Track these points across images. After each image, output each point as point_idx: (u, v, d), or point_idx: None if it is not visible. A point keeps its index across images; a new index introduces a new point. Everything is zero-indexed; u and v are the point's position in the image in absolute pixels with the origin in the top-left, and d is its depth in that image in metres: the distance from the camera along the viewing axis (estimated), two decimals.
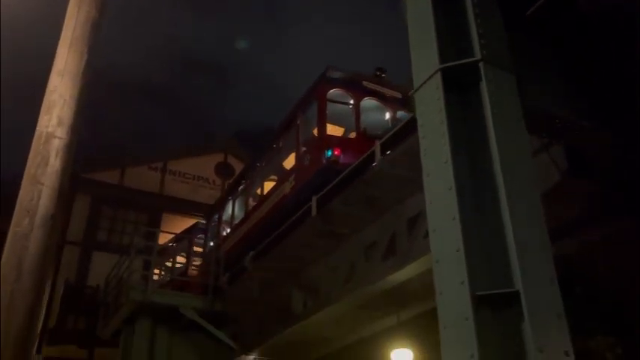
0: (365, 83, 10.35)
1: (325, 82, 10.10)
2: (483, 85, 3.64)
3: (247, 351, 10.79)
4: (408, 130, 6.51)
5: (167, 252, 15.04)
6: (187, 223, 16.83)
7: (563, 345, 2.96)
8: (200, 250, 14.50)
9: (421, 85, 3.94)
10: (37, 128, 3.17)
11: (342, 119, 10.39)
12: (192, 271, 14.41)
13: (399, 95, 10.56)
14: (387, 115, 10.51)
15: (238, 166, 19.01)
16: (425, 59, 3.92)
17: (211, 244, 14.10)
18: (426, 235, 6.82)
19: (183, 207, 18.27)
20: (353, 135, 10.17)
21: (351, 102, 10.18)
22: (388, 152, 6.95)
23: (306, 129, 10.54)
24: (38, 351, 13.53)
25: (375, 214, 7.71)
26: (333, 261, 8.60)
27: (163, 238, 14.62)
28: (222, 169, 19.89)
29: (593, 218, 6.14)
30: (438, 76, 3.74)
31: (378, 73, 10.69)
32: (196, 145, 21.14)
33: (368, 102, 10.30)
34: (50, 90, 3.22)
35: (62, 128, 3.21)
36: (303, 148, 10.33)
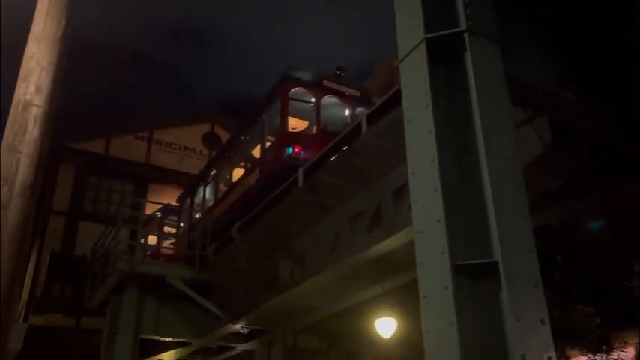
0: (325, 82, 11.05)
1: (287, 81, 10.81)
2: (468, 57, 3.62)
3: (234, 319, 10.89)
4: (394, 101, 6.50)
5: (153, 223, 15.05)
6: (174, 193, 16.80)
7: (540, 313, 3.02)
8: (173, 230, 14.84)
9: (406, 56, 3.92)
10: (15, 96, 3.11)
11: (305, 114, 11.14)
12: (167, 251, 14.70)
13: (357, 93, 11.39)
14: (347, 112, 11.30)
15: (225, 136, 18.91)
16: (410, 29, 3.89)
17: (182, 225, 14.56)
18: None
19: (170, 177, 18.19)
20: (314, 131, 10.88)
21: (312, 100, 10.88)
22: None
23: (270, 124, 11.21)
24: (25, 319, 13.60)
25: (360, 185, 7.74)
26: (319, 231, 8.64)
27: (150, 209, 14.59)
28: (209, 140, 19.80)
29: (575, 190, 6.22)
30: (423, 47, 3.72)
31: (338, 72, 11.46)
32: (183, 114, 20.94)
33: (328, 100, 11.00)
34: (27, 57, 3.15)
35: (40, 96, 3.15)
36: (267, 144, 11.09)
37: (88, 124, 19.47)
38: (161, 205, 15.47)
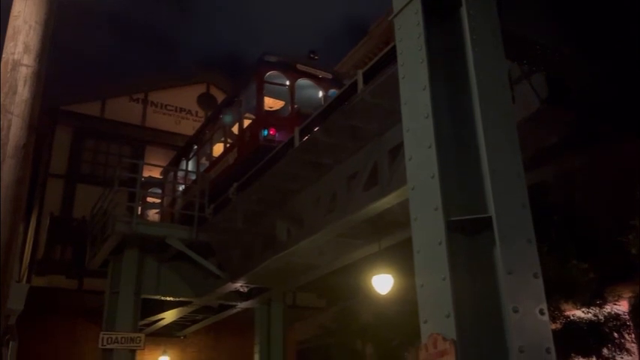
0: (299, 66, 11.66)
1: (262, 65, 11.38)
2: (463, 10, 3.57)
3: (234, 279, 11.04)
4: (390, 59, 6.42)
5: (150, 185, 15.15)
6: (171, 154, 16.78)
7: (532, 267, 3.06)
8: (158, 201, 15.03)
9: (400, 10, 3.85)
10: (3, 56, 3.05)
11: (279, 96, 11.81)
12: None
13: (329, 76, 12.02)
14: (320, 94, 11.85)
15: (220, 97, 18.74)
16: None
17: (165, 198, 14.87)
18: None
19: (167, 139, 18.12)
20: (289, 112, 11.44)
21: (287, 83, 11.49)
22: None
23: (247, 105, 11.82)
24: (28, 281, 13.77)
25: (357, 144, 7.72)
26: (316, 191, 8.67)
27: (147, 171, 14.60)
28: (205, 100, 19.65)
29: (571, 146, 6.21)
30: (418, 1, 3.65)
31: (312, 56, 12.18)
32: (177, 76, 20.69)
33: (302, 82, 11.60)
34: (14, 15, 3.07)
35: (29, 55, 3.10)
36: (244, 125, 11.68)
37: (82, 87, 19.23)
38: (158, 167, 15.53)
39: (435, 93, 3.44)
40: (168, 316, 14.26)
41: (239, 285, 11.48)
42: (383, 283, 9.39)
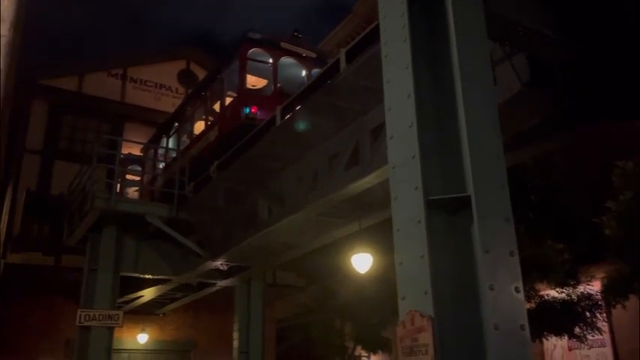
0: (282, 44, 11.56)
1: (246, 42, 11.26)
2: None
3: (214, 257, 11.03)
4: (373, 38, 6.38)
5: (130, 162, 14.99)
6: (151, 131, 16.57)
7: (509, 246, 3.11)
8: (137, 178, 14.95)
9: None
10: None
11: (263, 73, 11.69)
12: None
13: (313, 55, 11.96)
14: (303, 73, 11.82)
15: (201, 74, 18.50)
16: None
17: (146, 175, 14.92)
18: None
19: (146, 115, 17.87)
20: (271, 90, 11.35)
21: (270, 61, 11.39)
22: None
23: (229, 83, 11.74)
24: (3, 257, 13.59)
25: (339, 123, 7.70)
26: (298, 170, 8.66)
27: (127, 148, 14.41)
28: (185, 77, 19.39)
29: (550, 128, 6.27)
30: None
31: (295, 34, 12.04)
32: (157, 51, 20.33)
33: (285, 61, 11.52)
34: None
35: (4, 25, 3.01)
36: (226, 103, 11.61)
37: (58, 61, 18.79)
38: (138, 143, 15.35)
39: (417, 72, 3.44)
40: (147, 294, 14.23)
41: (219, 263, 11.48)
42: (362, 262, 9.49)
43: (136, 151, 15.84)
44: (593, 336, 10.40)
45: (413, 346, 3.00)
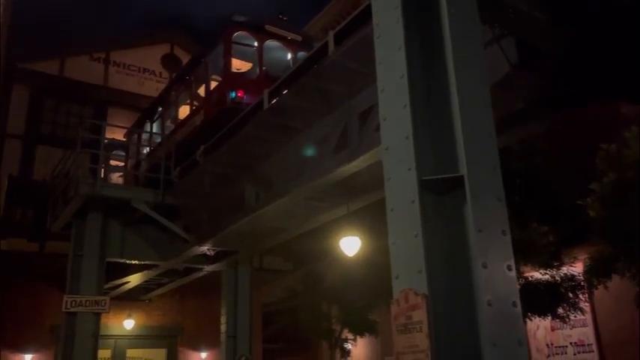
0: (268, 27, 11.41)
1: (230, 25, 11.01)
2: None
3: (201, 242, 11.01)
4: (362, 20, 6.36)
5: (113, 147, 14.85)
6: (134, 116, 16.39)
7: (501, 225, 3.16)
8: (121, 164, 14.86)
9: None
10: None
11: (248, 57, 11.58)
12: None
13: (299, 38, 11.85)
14: (289, 56, 11.75)
15: (185, 58, 18.30)
16: None
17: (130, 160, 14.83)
18: (378, 128, 6.93)
19: (130, 100, 17.66)
20: (257, 74, 11.26)
21: (255, 44, 11.28)
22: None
23: (213, 67, 11.63)
24: None
25: (327, 107, 7.69)
26: (285, 154, 8.65)
27: (110, 132, 14.26)
28: (169, 61, 19.17)
29: (537, 111, 6.34)
30: None
31: (281, 17, 12.03)
32: (140, 35, 20.04)
33: (270, 44, 11.42)
34: None
35: None
36: (211, 87, 11.48)
37: (39, 44, 18.44)
38: (121, 128, 15.19)
39: (410, 53, 3.45)
40: (134, 280, 14.18)
41: (206, 248, 11.46)
42: (350, 245, 9.54)
43: (120, 136, 15.67)
44: (575, 316, 10.62)
45: (407, 323, 3.04)
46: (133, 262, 12.56)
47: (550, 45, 4.89)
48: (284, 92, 7.83)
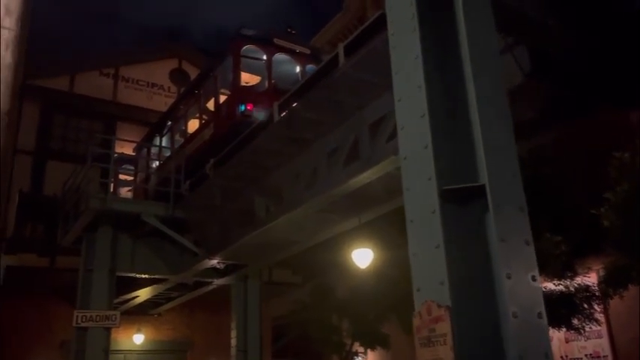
0: (276, 40, 11.48)
1: (239, 39, 11.19)
2: None
3: (211, 256, 10.98)
4: (372, 31, 6.36)
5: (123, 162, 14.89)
6: (143, 131, 16.45)
7: (524, 235, 3.12)
8: (131, 178, 14.91)
9: None
10: None
11: (257, 70, 11.63)
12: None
13: (307, 51, 11.89)
14: (297, 69, 11.80)
15: (193, 72, 18.40)
16: None
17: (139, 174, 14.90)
18: (389, 139, 6.90)
19: (138, 114, 17.74)
20: (265, 87, 11.30)
21: (264, 57, 11.32)
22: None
23: (222, 81, 11.68)
24: None
25: (338, 119, 7.68)
26: (296, 167, 8.63)
27: (120, 147, 14.31)
28: (177, 76, 19.28)
29: (548, 120, 6.29)
30: None
31: (289, 30, 12.30)
32: (149, 50, 20.18)
33: (279, 57, 11.48)
34: None
35: (10, 18, 2.96)
36: (220, 100, 11.50)
37: (48, 61, 18.54)
38: (131, 142, 15.24)
39: (427, 62, 3.43)
40: (143, 294, 14.15)
41: (216, 261, 11.42)
42: (363, 257, 9.47)
43: (129, 150, 15.72)
44: (590, 327, 10.45)
45: (430, 336, 2.99)
46: (143, 276, 12.53)
47: (562, 52, 4.87)
48: (294, 104, 7.82)
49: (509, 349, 2.83)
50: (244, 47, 11.22)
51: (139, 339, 16.20)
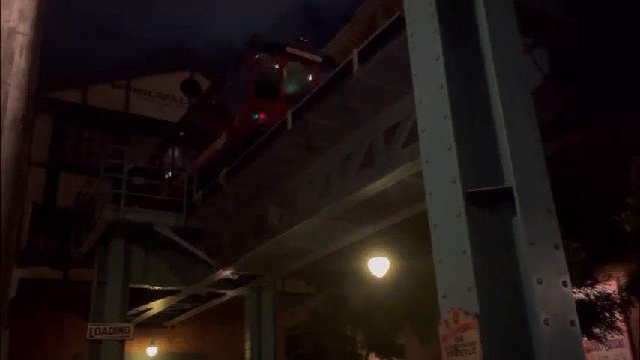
0: (288, 49, 11.47)
1: (251, 48, 11.19)
2: None
3: (224, 266, 10.90)
4: (386, 37, 6.29)
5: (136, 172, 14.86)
6: (155, 141, 16.46)
7: (553, 238, 3.00)
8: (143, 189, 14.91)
9: None
10: None
11: (270, 78, 11.47)
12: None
13: (319, 59, 11.84)
14: (310, 78, 11.66)
15: (204, 83, 18.43)
16: None
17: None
18: (404, 145, 6.80)
19: (151, 126, 17.78)
20: (278, 94, 11.19)
21: (276, 66, 11.27)
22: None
23: (235, 90, 11.64)
24: None
25: (351, 126, 7.60)
26: (310, 175, 8.55)
27: (133, 158, 14.29)
28: (189, 87, 19.31)
29: (567, 123, 6.17)
30: None
31: (301, 39, 12.24)
32: (161, 61, 20.29)
33: (291, 66, 11.41)
34: None
35: (25, 23, 2.91)
36: (233, 110, 11.43)
37: (62, 73, 18.69)
38: (143, 153, 15.23)
39: (449, 63, 3.34)
40: (156, 306, 14.08)
41: (229, 272, 11.34)
42: (379, 265, 9.34)
43: (142, 161, 15.71)
44: (612, 336, 10.22)
45: (458, 345, 2.87)
46: (156, 287, 12.47)
47: (584, 52, 4.76)
48: (308, 112, 7.75)
49: (541, 357, 2.70)
50: (257, 56, 11.20)
51: (152, 351, 16.12)
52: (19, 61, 2.78)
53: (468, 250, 2.93)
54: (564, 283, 2.90)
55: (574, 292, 9.98)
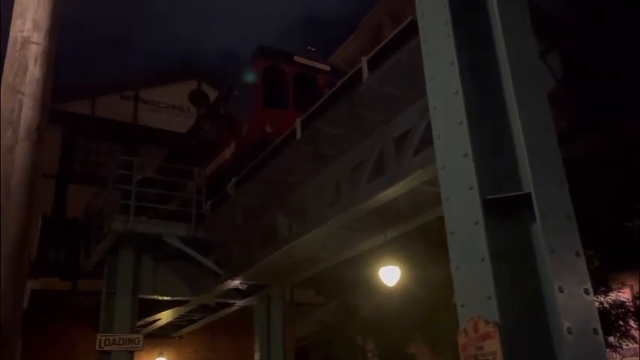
0: (296, 58, 11.54)
1: (260, 57, 11.27)
2: None
3: (233, 276, 10.85)
4: (394, 45, 6.28)
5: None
6: (164, 153, 16.50)
7: (574, 245, 2.94)
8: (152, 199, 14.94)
9: None
10: (11, 34, 2.86)
11: (278, 88, 11.53)
12: None
13: (327, 68, 11.92)
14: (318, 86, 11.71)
15: (212, 93, 18.50)
16: None
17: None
18: (415, 152, 6.76)
19: (159, 136, 17.84)
20: (287, 103, 11.27)
21: (285, 75, 11.35)
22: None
23: (244, 100, 11.63)
24: None
25: (361, 133, 7.57)
26: (319, 183, 8.51)
27: (141, 169, 14.30)
28: (197, 97, 19.39)
29: (580, 129, 6.11)
30: None
31: (309, 48, 12.42)
32: (168, 72, 20.39)
33: (299, 74, 11.49)
34: None
35: (39, 33, 2.91)
36: (242, 119, 11.48)
37: (70, 85, 18.81)
38: (152, 164, 15.25)
39: (463, 67, 3.31)
40: (165, 317, 14.03)
41: (238, 282, 11.29)
42: (390, 274, 9.27)
43: (150, 171, 15.73)
44: (627, 345, 10.07)
45: (478, 355, 2.81)
46: (165, 298, 12.43)
47: (598, 57, 4.71)
48: (317, 120, 7.73)
49: None
50: (265, 65, 11.22)
51: None
52: (34, 71, 2.78)
53: (486, 257, 2.87)
54: (586, 291, 2.84)
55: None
